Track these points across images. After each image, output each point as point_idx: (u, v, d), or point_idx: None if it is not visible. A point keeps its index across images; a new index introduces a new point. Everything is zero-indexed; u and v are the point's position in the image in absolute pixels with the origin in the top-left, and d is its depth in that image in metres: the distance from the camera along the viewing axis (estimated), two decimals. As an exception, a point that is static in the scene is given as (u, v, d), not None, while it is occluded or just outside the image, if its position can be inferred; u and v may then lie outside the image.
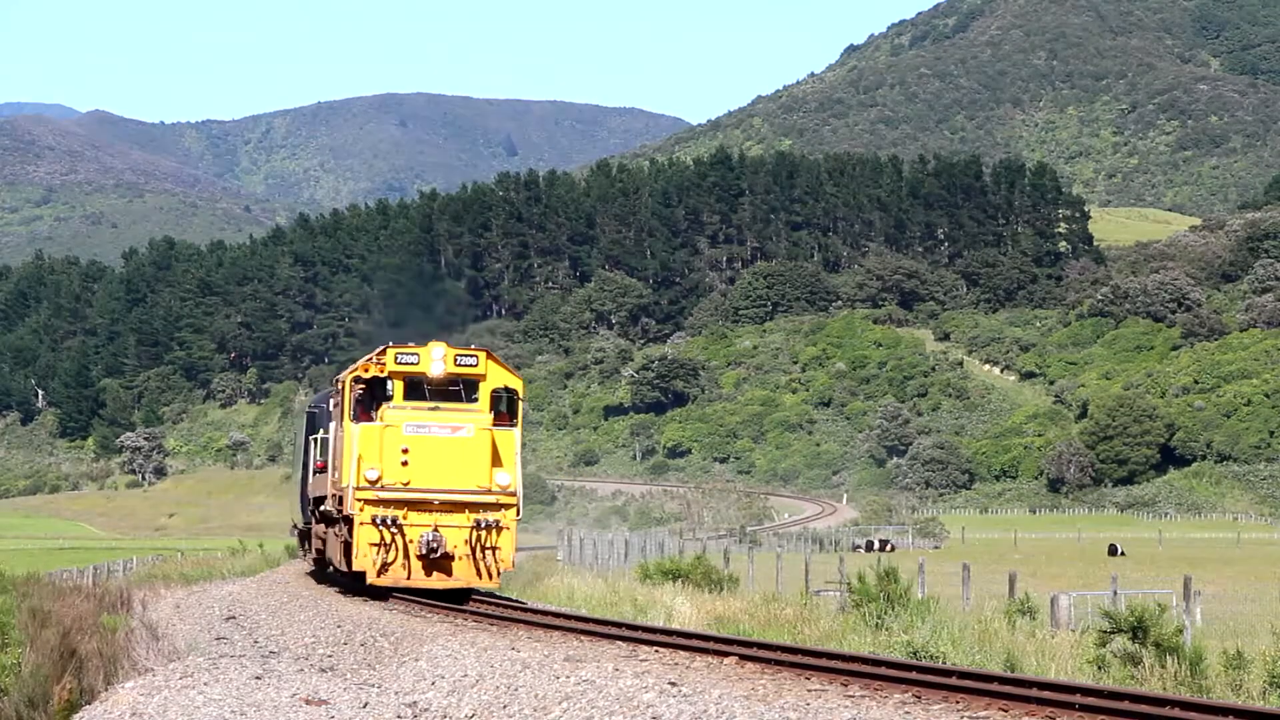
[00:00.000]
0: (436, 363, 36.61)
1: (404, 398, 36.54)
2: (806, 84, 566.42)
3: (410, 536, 35.63)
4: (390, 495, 35.52)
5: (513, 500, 35.80)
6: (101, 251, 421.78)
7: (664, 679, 19.48)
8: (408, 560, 35.68)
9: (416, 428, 35.69)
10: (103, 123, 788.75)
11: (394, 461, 35.60)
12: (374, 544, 35.64)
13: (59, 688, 26.29)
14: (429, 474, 35.65)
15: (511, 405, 37.34)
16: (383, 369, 36.70)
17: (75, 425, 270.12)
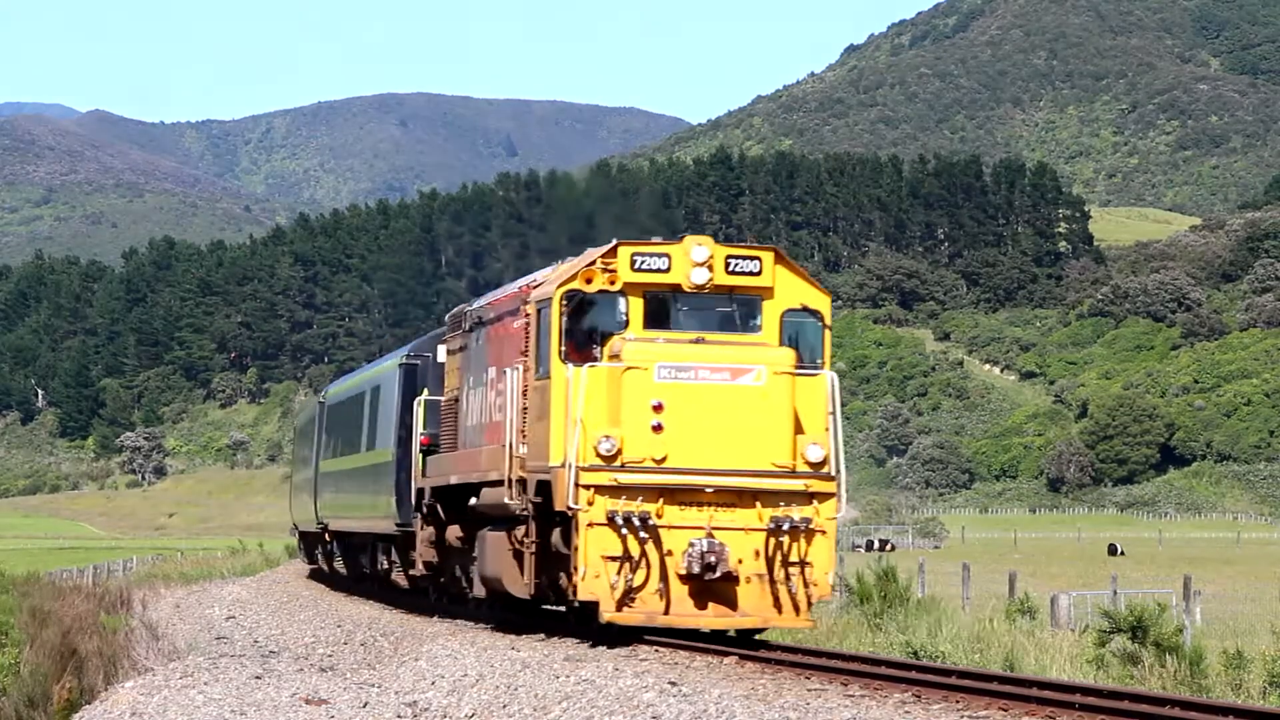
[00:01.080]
0: (699, 268, 24.25)
1: (647, 324, 24.28)
2: (806, 84, 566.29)
3: (670, 545, 23.12)
4: (636, 479, 23.16)
5: (831, 487, 23.53)
6: (101, 251, 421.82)
7: (664, 678, 19.49)
8: (665, 584, 23.17)
9: (675, 371, 23.46)
10: (103, 123, 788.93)
11: (639, 426, 23.32)
12: (611, 557, 23.05)
13: (59, 687, 26.31)
14: (696, 445, 23.37)
15: (815, 336, 24.91)
16: (612, 279, 24.23)
17: (75, 425, 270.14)
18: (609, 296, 24.30)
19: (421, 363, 34.79)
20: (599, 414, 23.55)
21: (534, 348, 24.91)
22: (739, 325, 24.63)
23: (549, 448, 24.05)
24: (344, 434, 43.57)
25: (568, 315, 24.33)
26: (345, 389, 46.04)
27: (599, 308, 24.33)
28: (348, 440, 42.63)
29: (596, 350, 24.15)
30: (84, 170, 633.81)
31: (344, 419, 43.98)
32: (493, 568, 26.80)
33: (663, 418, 23.41)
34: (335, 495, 44.59)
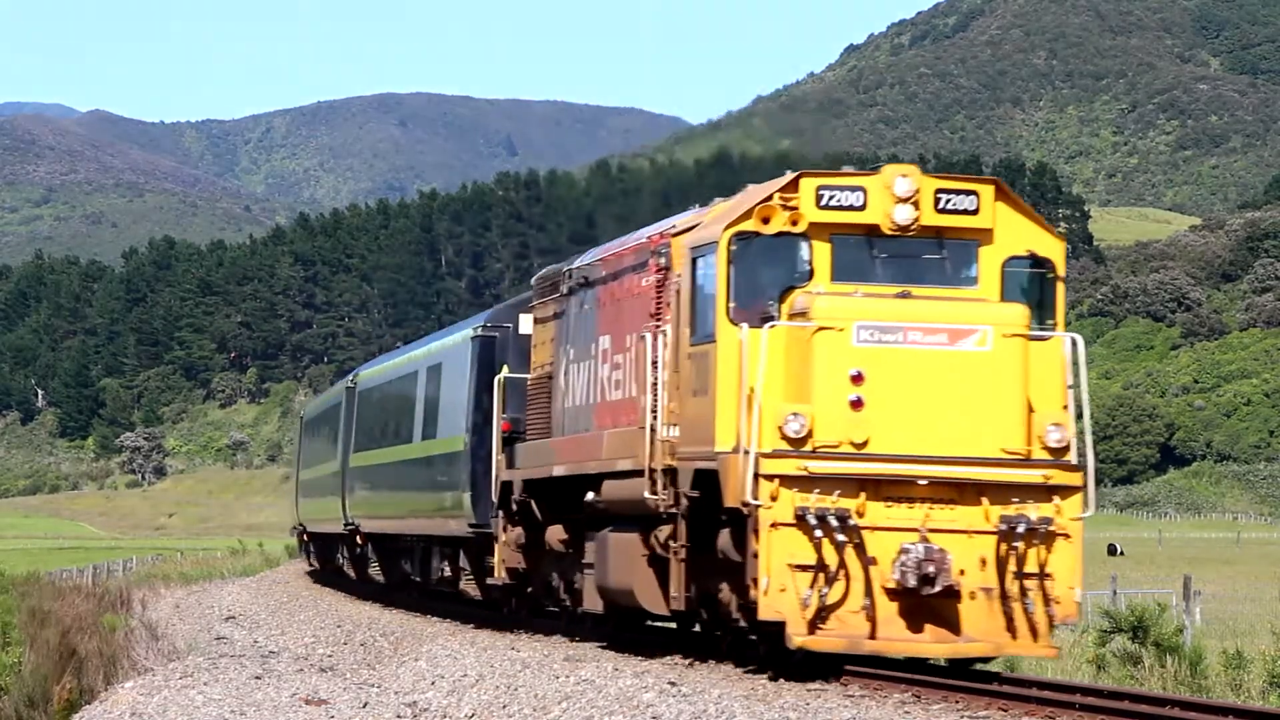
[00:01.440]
0: (902, 205, 19.65)
1: (836, 275, 19.81)
2: (806, 84, 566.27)
3: (875, 551, 18.70)
4: (832, 468, 18.77)
5: (1075, 479, 19.15)
6: (101, 251, 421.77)
7: (663, 679, 19.49)
8: (870, 598, 18.74)
9: (878, 333, 18.96)
10: (103, 122, 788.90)
11: (834, 401, 18.87)
12: (800, 566, 18.59)
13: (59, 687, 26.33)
14: (906, 426, 18.99)
15: (1046, 291, 20.57)
16: (794, 217, 19.64)
17: (75, 425, 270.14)
18: (790, 240, 19.67)
19: (500, 335, 29.38)
20: (782, 386, 19.05)
21: (687, 306, 20.34)
22: (950, 276, 20.03)
23: (714, 429, 19.43)
24: (386, 422, 38.90)
25: (737, 264, 19.64)
26: (386, 370, 40.70)
27: (777, 254, 19.75)
28: (391, 429, 37.89)
29: (772, 307, 19.61)
30: (84, 170, 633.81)
31: (385, 405, 39.26)
32: (619, 577, 22.08)
33: (863, 391, 18.86)
34: (373, 493, 39.68)
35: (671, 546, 20.77)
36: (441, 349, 34.01)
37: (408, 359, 37.98)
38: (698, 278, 20.25)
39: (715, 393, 19.54)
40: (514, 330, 29.20)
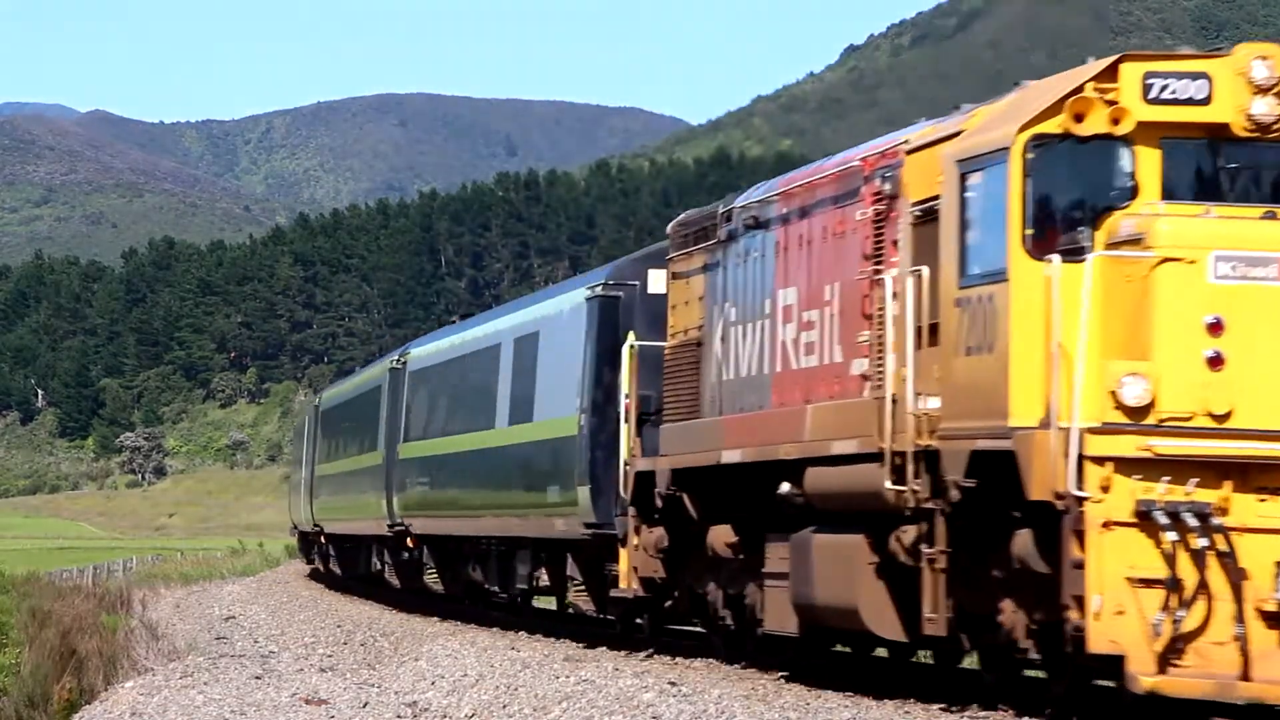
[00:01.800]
0: (1262, 96, 14.91)
1: (1170, 190, 15.19)
2: (806, 84, 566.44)
3: (1248, 561, 14.29)
4: (1186, 448, 14.39)
5: None
6: (101, 251, 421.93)
7: (664, 678, 19.50)
8: (1242, 624, 14.30)
9: (1244, 266, 14.44)
10: (103, 123, 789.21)
11: (1185, 358, 14.48)
12: (1145, 580, 14.32)
13: (59, 687, 26.34)
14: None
15: None
16: (1115, 114, 14.99)
17: (75, 425, 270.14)
18: (1107, 146, 15.02)
19: (625, 294, 24.61)
20: (1110, 338, 14.49)
21: (952, 238, 15.72)
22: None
23: (1005, 397, 14.82)
24: (453, 406, 33.75)
25: (1036, 177, 15.08)
26: (451, 346, 34.96)
27: (1090, 164, 15.12)
28: (462, 414, 32.72)
29: (1083, 236, 14.98)
30: (84, 170, 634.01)
31: (452, 386, 33.95)
32: (832, 591, 17.16)
33: (1224, 344, 14.28)
34: (434, 489, 34.60)
35: (924, 553, 15.90)
36: (538, 316, 28.45)
37: (484, 331, 32.20)
38: (969, 200, 15.68)
39: (1006, 348, 14.84)
40: (641, 289, 24.35)
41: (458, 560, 34.35)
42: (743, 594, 20.33)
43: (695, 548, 21.09)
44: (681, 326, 22.34)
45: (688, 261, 22.18)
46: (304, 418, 58.16)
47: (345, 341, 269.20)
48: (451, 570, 35.42)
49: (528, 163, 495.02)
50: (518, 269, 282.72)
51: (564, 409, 26.11)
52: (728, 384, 20.49)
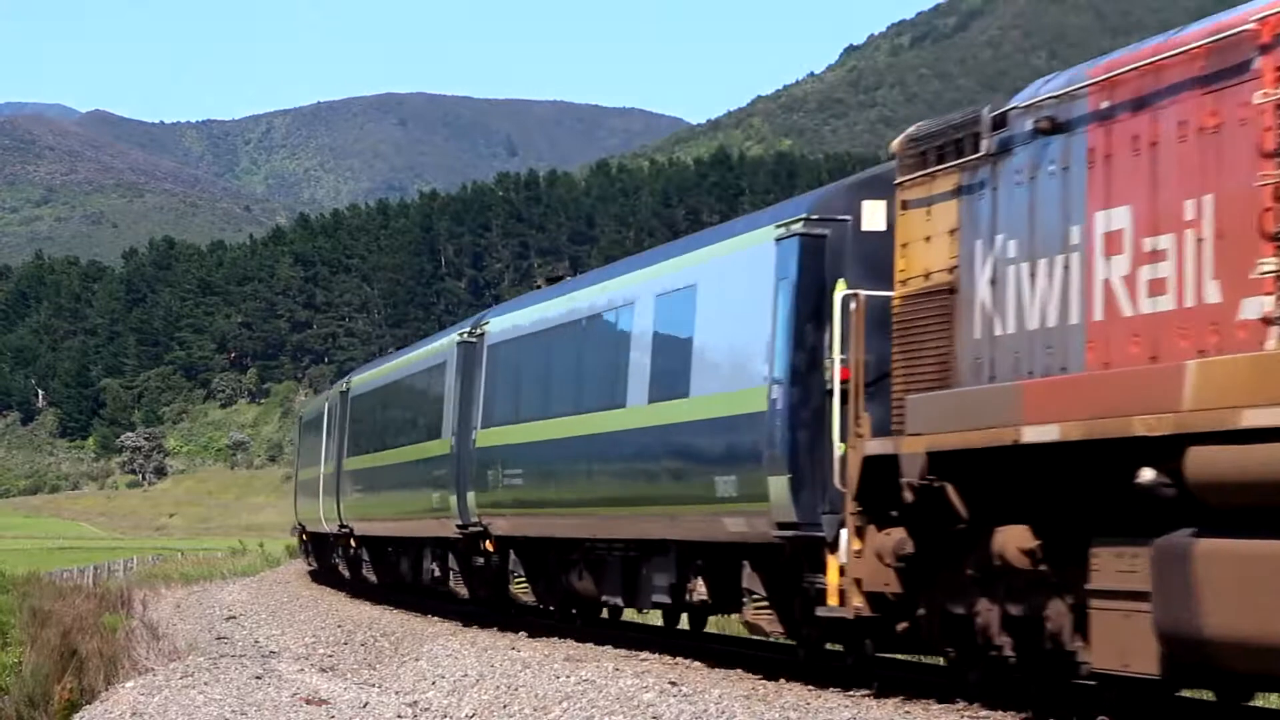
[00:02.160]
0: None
1: None
2: (806, 84, 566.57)
3: None
4: None
5: None
6: (101, 251, 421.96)
7: (664, 678, 19.50)
8: None
9: None
10: (103, 123, 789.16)
11: None
12: None
13: (59, 687, 26.34)
14: None
15: None
16: None
17: (75, 425, 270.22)
18: None
19: (831, 232, 19.66)
20: None
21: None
22: None
23: None
24: (558, 382, 27.08)
25: None
26: (550, 310, 28.16)
27: None
28: (571, 392, 26.38)
29: None
30: (84, 170, 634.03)
31: (558, 359, 27.26)
32: (1242, 621, 12.35)
33: None
34: (524, 484, 28.11)
35: None
36: (694, 266, 22.89)
37: (607, 289, 25.77)
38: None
39: None
40: (853, 226, 19.46)
41: (558, 567, 28.00)
42: (1041, 616, 15.29)
43: (951, 554, 16.38)
44: (919, 270, 17.28)
45: (928, 186, 17.25)
46: (321, 408, 51.69)
47: (345, 341, 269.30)
48: (547, 579, 28.85)
49: (528, 163, 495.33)
50: (518, 269, 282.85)
51: (742, 380, 20.86)
52: (1001, 341, 15.72)
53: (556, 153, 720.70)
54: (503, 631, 29.58)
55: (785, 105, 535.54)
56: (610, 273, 26.60)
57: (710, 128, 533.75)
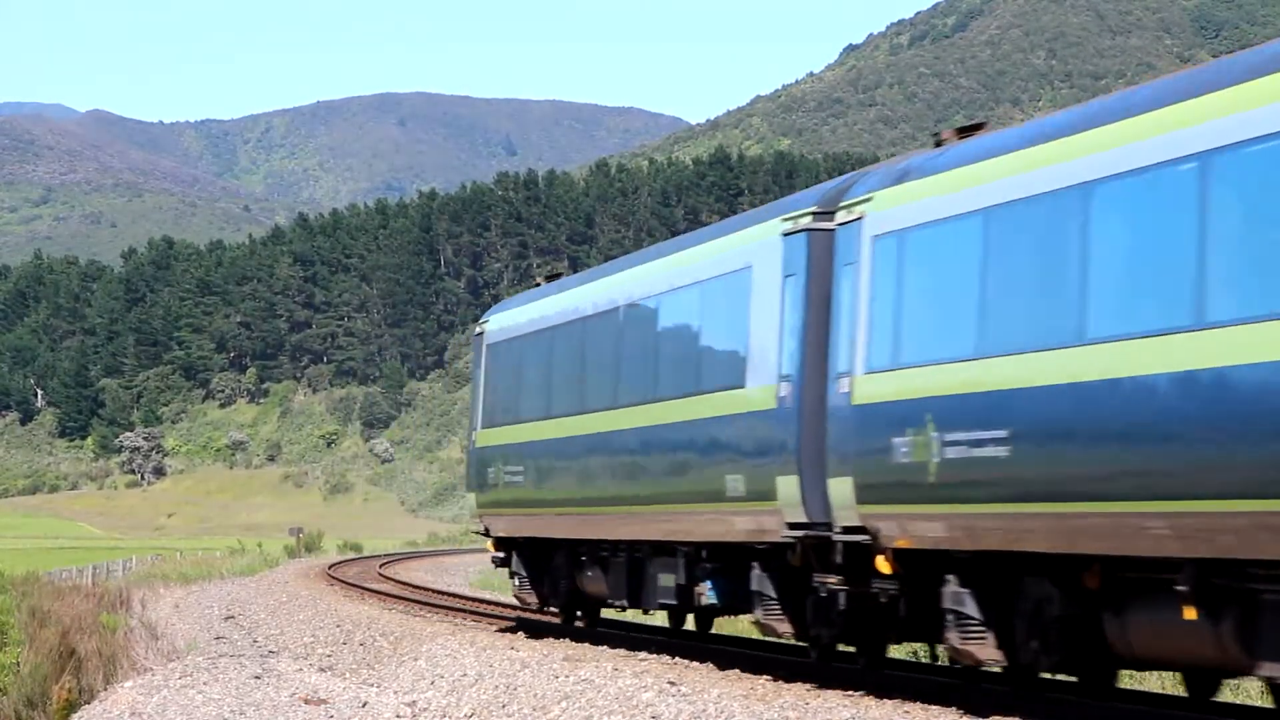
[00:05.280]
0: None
1: None
2: (805, 83, 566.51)
3: None
4: None
5: None
6: (101, 251, 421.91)
7: (663, 678, 19.47)
8: None
9: None
10: (102, 122, 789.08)
11: None
12: None
13: (58, 687, 26.30)
14: None
15: None
16: None
17: (74, 425, 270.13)
18: None
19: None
20: None
21: None
22: None
23: None
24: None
25: None
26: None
27: None
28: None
29: None
30: (83, 170, 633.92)
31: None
32: None
33: None
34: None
35: None
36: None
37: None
38: None
39: None
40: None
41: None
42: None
43: None
44: None
45: None
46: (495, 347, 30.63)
47: (345, 341, 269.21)
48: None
49: (527, 162, 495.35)
50: (517, 269, 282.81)
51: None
52: None
53: (555, 152, 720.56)
54: (502, 632, 29.53)
55: (784, 105, 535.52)
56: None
57: (709, 127, 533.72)
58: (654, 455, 22.50)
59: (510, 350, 28.39)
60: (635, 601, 23.95)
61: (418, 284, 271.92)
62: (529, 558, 28.05)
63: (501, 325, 29.16)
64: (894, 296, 18.04)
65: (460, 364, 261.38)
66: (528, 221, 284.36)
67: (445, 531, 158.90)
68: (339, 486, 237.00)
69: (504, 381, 28.67)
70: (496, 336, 29.22)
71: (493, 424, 28.83)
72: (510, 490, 27.50)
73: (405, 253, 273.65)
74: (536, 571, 28.03)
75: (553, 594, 27.73)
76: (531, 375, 27.29)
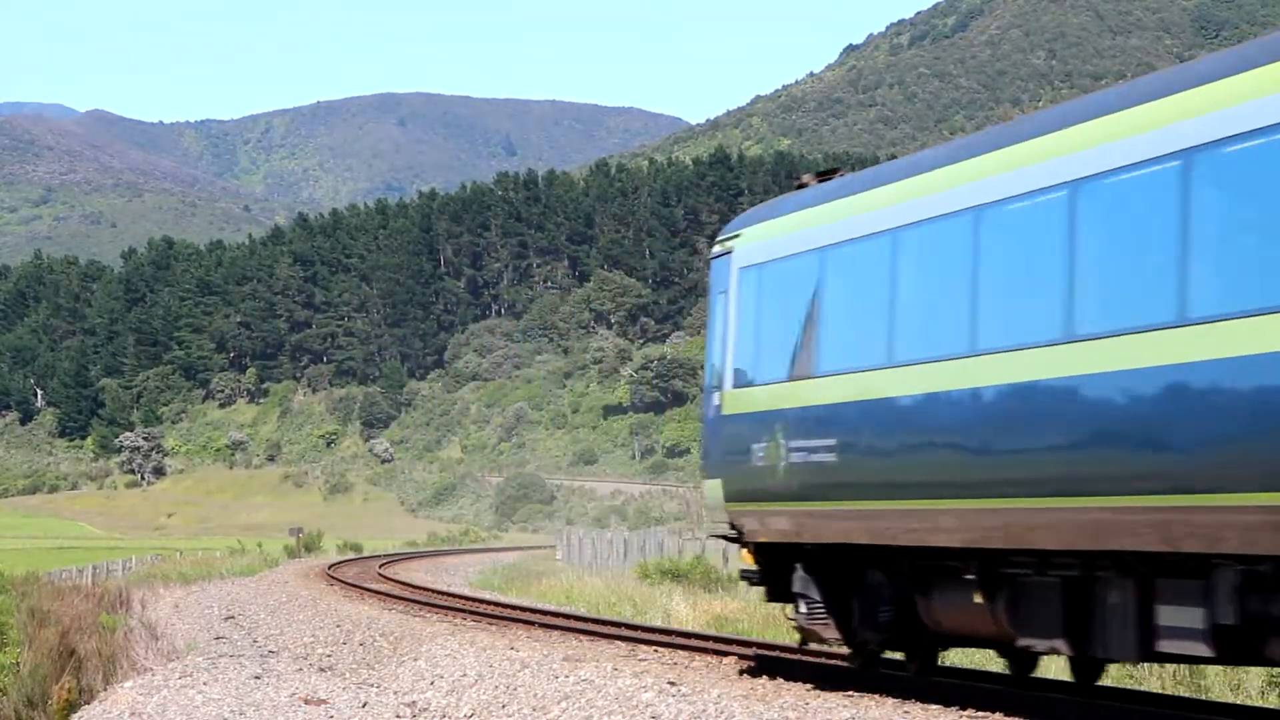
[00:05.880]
0: None
1: None
2: (805, 84, 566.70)
3: None
4: None
5: None
6: (101, 251, 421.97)
7: (663, 678, 19.47)
8: None
9: None
10: (102, 122, 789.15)
11: None
12: None
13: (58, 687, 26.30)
14: None
15: None
16: None
17: (74, 425, 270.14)
18: None
19: None
20: None
21: None
22: None
23: None
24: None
25: None
26: None
27: None
28: None
29: None
30: (83, 170, 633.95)
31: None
32: None
33: None
34: None
35: None
36: None
37: None
38: None
39: None
40: None
41: None
42: None
43: None
44: None
45: None
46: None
47: (344, 341, 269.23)
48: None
49: (527, 162, 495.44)
50: (517, 269, 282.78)
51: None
52: None
53: (555, 152, 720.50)
54: (501, 631, 29.52)
55: (784, 105, 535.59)
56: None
57: (709, 127, 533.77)
58: (1179, 413, 14.29)
59: (794, 272, 20.40)
60: (1082, 645, 16.10)
61: (417, 284, 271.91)
62: (822, 573, 19.94)
63: (771, 239, 21.03)
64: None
65: (460, 364, 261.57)
66: (528, 221, 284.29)
67: (445, 531, 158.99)
68: (339, 486, 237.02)
69: (783, 318, 20.45)
70: (760, 255, 21.21)
71: (756, 380, 20.84)
72: (800, 474, 19.43)
73: (405, 253, 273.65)
74: (836, 593, 19.76)
75: (867, 626, 19.15)
76: (850, 305, 19.30)
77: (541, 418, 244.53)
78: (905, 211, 18.20)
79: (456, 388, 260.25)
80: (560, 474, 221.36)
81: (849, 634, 19.32)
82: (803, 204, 20.51)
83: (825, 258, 19.44)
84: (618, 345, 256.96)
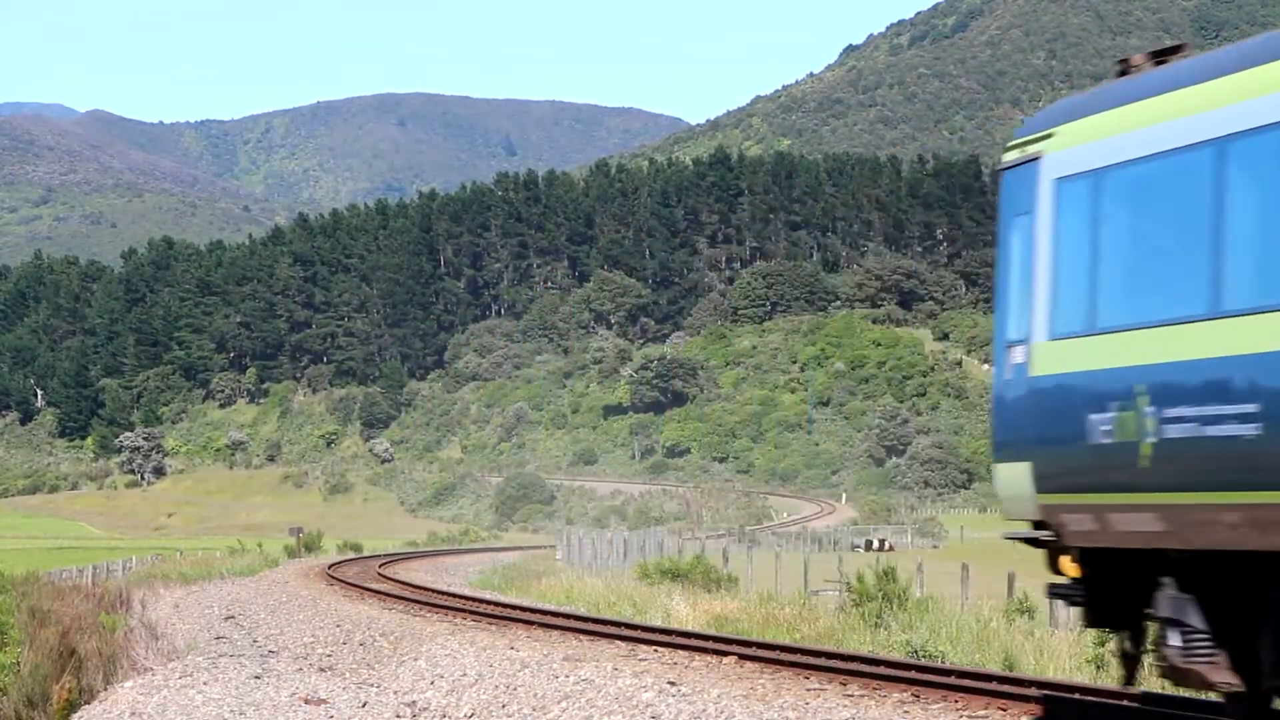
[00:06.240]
0: None
1: None
2: (805, 84, 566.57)
3: None
4: None
5: None
6: (101, 251, 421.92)
7: (663, 678, 19.48)
8: None
9: None
10: (102, 122, 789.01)
11: None
12: None
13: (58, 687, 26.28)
14: None
15: None
16: None
17: (74, 425, 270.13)
18: None
19: None
20: None
21: None
22: None
23: None
24: None
25: None
26: None
27: None
28: None
29: None
30: (83, 170, 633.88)
31: None
32: None
33: None
34: None
35: None
36: None
37: None
38: None
39: None
40: None
41: None
42: None
43: None
44: None
45: None
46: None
47: (344, 341, 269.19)
48: None
49: (527, 163, 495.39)
50: (517, 269, 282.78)
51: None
52: None
53: (555, 152, 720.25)
54: (501, 631, 29.51)
55: (784, 105, 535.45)
56: None
57: (709, 127, 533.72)
58: None
59: (1167, 175, 14.46)
60: None
61: (418, 284, 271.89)
62: (1208, 592, 14.32)
63: (1114, 135, 15.20)
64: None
65: (460, 364, 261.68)
66: (528, 221, 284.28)
67: (445, 531, 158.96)
68: (339, 486, 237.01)
69: (1145, 240, 14.77)
70: (1095, 158, 15.38)
71: (1095, 327, 15.03)
72: (1183, 454, 13.82)
73: (405, 253, 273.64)
74: (1229, 620, 14.19)
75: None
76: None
77: (541, 418, 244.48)
78: None
79: (456, 388, 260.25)
80: (560, 474, 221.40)
81: (1251, 677, 13.59)
82: (1170, 83, 14.34)
83: (1226, 151, 13.28)
84: (618, 345, 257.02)
